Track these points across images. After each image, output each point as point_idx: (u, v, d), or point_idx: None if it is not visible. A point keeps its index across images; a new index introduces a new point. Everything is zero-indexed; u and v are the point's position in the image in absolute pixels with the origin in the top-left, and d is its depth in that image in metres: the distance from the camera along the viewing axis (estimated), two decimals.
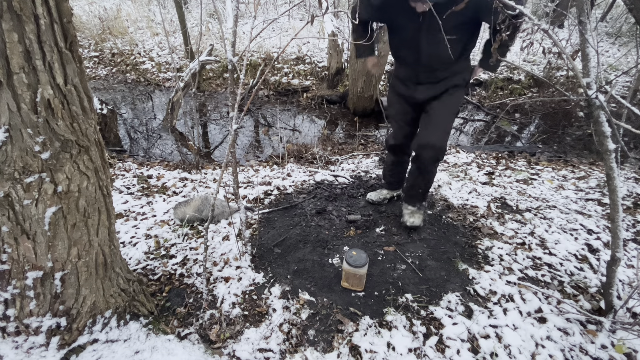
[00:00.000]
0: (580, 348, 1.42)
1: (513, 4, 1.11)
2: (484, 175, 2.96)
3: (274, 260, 1.88)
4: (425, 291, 1.69)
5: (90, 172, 1.10)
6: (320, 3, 1.23)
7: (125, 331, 1.32)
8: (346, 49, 6.05)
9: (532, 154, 3.87)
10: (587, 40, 1.17)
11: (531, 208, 2.45)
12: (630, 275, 1.80)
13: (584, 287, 1.73)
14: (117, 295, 1.33)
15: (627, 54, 6.78)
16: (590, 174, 3.14)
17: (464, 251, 1.98)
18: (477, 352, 1.40)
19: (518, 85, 6.05)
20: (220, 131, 4.81)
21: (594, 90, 1.20)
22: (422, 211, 2.09)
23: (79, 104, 1.01)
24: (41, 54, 0.88)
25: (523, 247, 2.02)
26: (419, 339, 1.45)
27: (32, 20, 0.84)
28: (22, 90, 0.88)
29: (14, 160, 0.93)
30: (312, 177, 2.87)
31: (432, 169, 1.94)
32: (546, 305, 1.61)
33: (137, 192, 2.56)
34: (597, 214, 2.39)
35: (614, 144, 1.27)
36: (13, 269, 1.08)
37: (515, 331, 1.49)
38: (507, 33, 1.25)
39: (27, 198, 0.99)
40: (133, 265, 1.79)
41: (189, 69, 4.60)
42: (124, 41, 7.19)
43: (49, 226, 1.04)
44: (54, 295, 1.15)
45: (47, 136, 0.95)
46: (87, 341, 1.25)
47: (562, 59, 1.18)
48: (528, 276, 1.80)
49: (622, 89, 5.87)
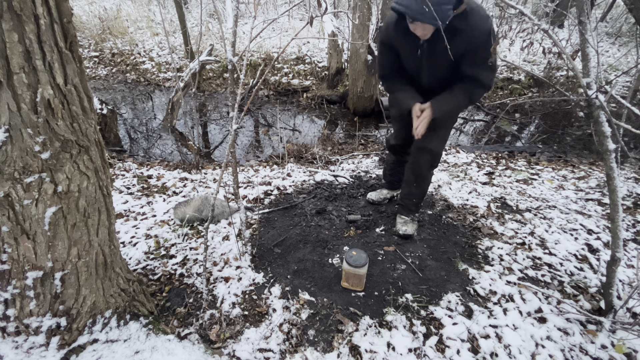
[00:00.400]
0: (580, 348, 1.42)
1: (514, 4, 1.11)
2: (484, 175, 2.96)
3: (274, 260, 1.88)
4: (425, 291, 1.69)
5: (90, 172, 1.10)
6: (320, 3, 1.23)
7: (125, 331, 1.32)
8: (346, 49, 6.05)
9: (532, 154, 3.87)
10: (587, 40, 1.17)
11: (531, 208, 2.45)
12: (630, 275, 1.80)
13: (584, 287, 1.73)
14: (117, 295, 1.33)
15: (627, 54, 6.79)
16: (590, 174, 3.14)
17: (464, 251, 1.98)
18: (477, 352, 1.40)
19: (518, 85, 6.05)
20: (220, 131, 4.81)
21: (594, 90, 1.20)
22: (415, 221, 2.10)
23: (79, 104, 1.01)
24: (41, 54, 0.88)
25: (523, 247, 2.02)
26: (419, 339, 1.45)
27: (32, 20, 0.84)
28: (22, 90, 0.88)
29: (14, 160, 0.93)
30: (312, 177, 2.87)
31: (427, 174, 1.95)
32: (546, 305, 1.61)
33: (137, 192, 2.56)
34: (597, 214, 2.39)
35: (614, 144, 1.27)
36: (13, 269, 1.08)
37: (515, 331, 1.49)
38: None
39: (27, 198, 0.99)
40: (133, 265, 1.79)
41: (189, 69, 4.60)
42: (124, 41, 7.19)
43: (49, 226, 1.04)
44: (54, 295, 1.15)
45: (47, 136, 0.95)
46: (87, 341, 1.25)
47: (562, 59, 1.18)
48: (528, 276, 1.80)
49: (622, 89, 5.87)
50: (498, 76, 6.12)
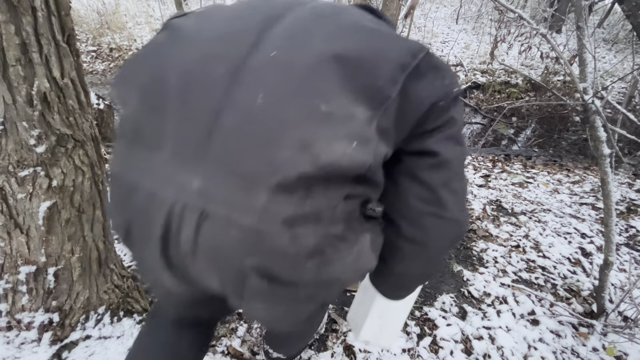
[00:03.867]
0: (572, 350, 1.44)
1: (513, 8, 1.12)
2: (480, 177, 2.98)
3: None
4: (420, 292, 1.70)
5: (85, 167, 1.09)
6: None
7: (118, 328, 1.31)
8: None
9: (528, 157, 3.90)
10: (584, 45, 1.18)
11: (526, 211, 2.46)
12: (622, 279, 1.82)
13: (577, 290, 1.75)
14: (111, 291, 1.32)
15: (623, 61, 6.86)
16: (584, 178, 3.17)
17: (459, 253, 1.99)
18: (470, 353, 1.41)
19: (515, 89, 6.08)
20: None
21: (590, 96, 1.21)
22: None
23: (76, 98, 1.00)
24: (38, 46, 0.87)
25: (517, 250, 2.03)
26: (413, 340, 1.45)
27: (29, 12, 0.83)
28: (18, 83, 0.87)
29: (8, 154, 0.92)
30: None
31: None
32: (539, 308, 1.62)
33: None
34: (590, 218, 2.41)
35: (609, 149, 1.28)
36: (6, 264, 1.07)
37: (508, 333, 1.50)
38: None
39: (21, 192, 0.98)
40: (128, 262, 1.77)
41: None
42: (122, 36, 7.14)
43: (43, 221, 1.03)
44: (46, 291, 1.14)
45: (43, 130, 0.94)
46: (80, 337, 1.24)
47: (560, 64, 1.19)
48: (522, 279, 1.82)
49: (617, 95, 5.92)
50: (496, 79, 6.16)
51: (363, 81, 0.48)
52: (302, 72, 0.47)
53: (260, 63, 0.48)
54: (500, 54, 6.69)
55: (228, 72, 0.48)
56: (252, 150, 0.46)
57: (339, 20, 0.54)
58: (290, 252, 0.48)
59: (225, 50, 0.51)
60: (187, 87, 0.50)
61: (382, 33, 0.53)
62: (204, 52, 0.51)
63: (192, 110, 0.49)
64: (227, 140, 0.47)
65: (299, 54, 0.48)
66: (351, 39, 0.50)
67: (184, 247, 0.50)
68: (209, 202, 0.47)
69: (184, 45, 0.54)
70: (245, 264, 0.49)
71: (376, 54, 0.49)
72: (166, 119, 0.50)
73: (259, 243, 0.47)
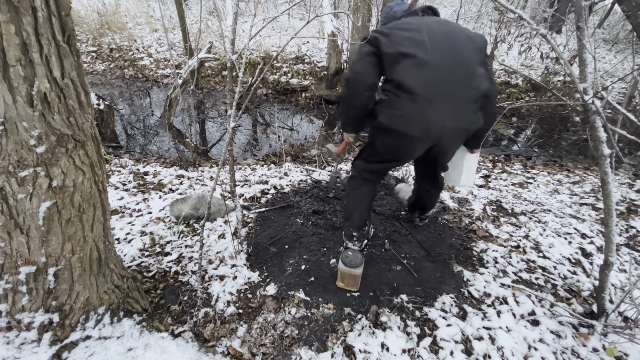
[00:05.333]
0: (572, 351, 1.44)
1: (513, 9, 1.12)
2: (480, 178, 2.98)
3: (270, 259, 1.88)
4: (420, 292, 1.70)
5: (85, 167, 1.09)
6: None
7: (118, 328, 1.31)
8: (345, 49, 6.05)
9: (528, 157, 3.90)
10: (585, 46, 1.18)
11: (526, 211, 2.46)
12: (622, 279, 1.82)
13: (577, 291, 1.75)
14: (110, 291, 1.32)
15: (623, 61, 6.85)
16: (584, 178, 3.17)
17: (459, 253, 1.99)
18: (470, 353, 1.41)
19: (515, 90, 6.09)
20: (218, 129, 4.79)
21: (590, 96, 1.21)
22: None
23: (76, 98, 1.00)
24: (38, 46, 0.87)
25: (517, 250, 2.03)
26: (413, 340, 1.45)
27: (29, 12, 0.83)
28: (19, 83, 0.87)
29: (8, 154, 0.92)
30: (309, 177, 2.87)
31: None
32: (539, 308, 1.62)
33: (133, 189, 2.54)
34: (591, 219, 2.41)
35: (609, 149, 1.28)
36: (6, 264, 1.07)
37: (509, 333, 1.50)
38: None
39: (21, 192, 0.98)
40: (127, 262, 1.77)
41: (187, 65, 4.59)
42: (123, 37, 7.15)
43: (43, 221, 1.03)
44: (46, 291, 1.14)
45: (43, 130, 0.94)
46: (80, 337, 1.23)
47: (560, 64, 1.19)
48: (522, 279, 1.82)
49: (617, 95, 5.92)
50: (496, 80, 6.16)
51: (481, 51, 1.44)
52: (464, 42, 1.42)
53: (456, 41, 1.41)
54: (501, 54, 6.69)
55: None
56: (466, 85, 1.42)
57: (454, 24, 1.50)
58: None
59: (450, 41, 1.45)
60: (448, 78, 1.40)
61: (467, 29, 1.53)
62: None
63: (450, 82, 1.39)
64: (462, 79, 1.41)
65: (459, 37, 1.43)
66: (467, 30, 1.47)
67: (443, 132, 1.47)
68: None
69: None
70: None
71: (481, 39, 1.47)
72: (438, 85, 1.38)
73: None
